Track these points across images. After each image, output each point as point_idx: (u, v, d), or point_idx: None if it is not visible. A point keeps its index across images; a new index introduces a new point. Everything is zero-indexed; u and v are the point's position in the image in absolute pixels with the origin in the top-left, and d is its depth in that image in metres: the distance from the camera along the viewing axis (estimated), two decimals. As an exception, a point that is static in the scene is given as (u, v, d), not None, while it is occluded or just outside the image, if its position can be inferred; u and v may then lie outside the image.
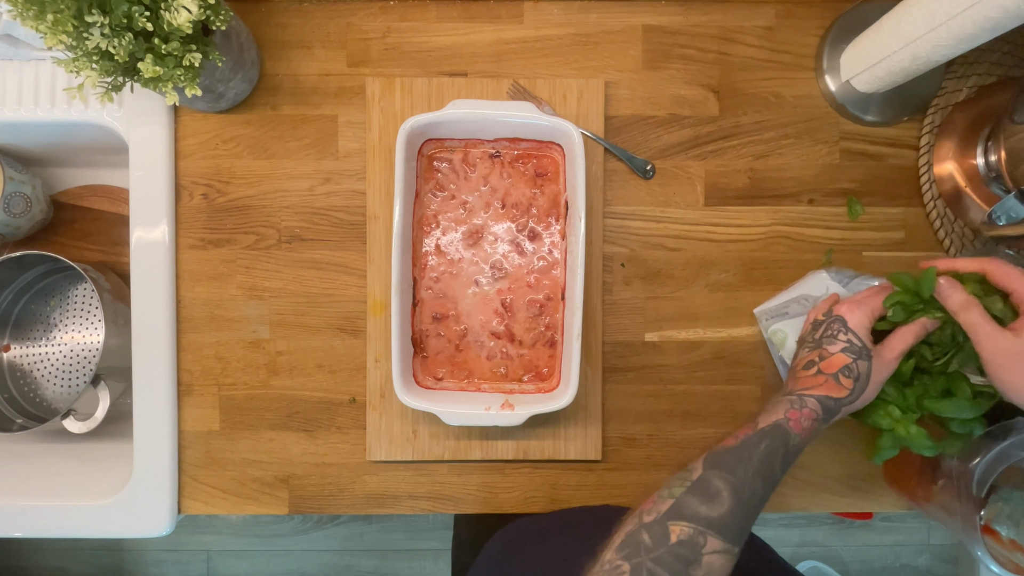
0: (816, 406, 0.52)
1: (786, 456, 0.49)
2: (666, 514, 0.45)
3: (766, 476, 0.48)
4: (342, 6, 0.71)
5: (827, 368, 0.54)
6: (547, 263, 0.70)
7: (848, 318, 0.55)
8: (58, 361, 0.87)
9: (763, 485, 0.47)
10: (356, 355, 0.72)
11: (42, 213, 0.83)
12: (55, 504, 0.72)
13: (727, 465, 0.48)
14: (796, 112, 0.72)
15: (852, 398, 0.53)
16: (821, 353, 0.55)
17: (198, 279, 0.72)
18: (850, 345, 0.54)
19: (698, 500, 0.45)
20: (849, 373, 0.53)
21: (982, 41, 0.54)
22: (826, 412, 0.52)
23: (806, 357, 0.56)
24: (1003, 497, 0.63)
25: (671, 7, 0.72)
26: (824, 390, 0.53)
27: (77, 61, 0.52)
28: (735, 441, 0.50)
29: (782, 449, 0.49)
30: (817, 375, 0.54)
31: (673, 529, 0.44)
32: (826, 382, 0.53)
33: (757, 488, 0.47)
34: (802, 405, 0.52)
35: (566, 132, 0.65)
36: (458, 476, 0.72)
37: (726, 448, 0.49)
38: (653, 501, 0.47)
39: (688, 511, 0.45)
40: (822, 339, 0.56)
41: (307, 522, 1.58)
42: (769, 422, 0.50)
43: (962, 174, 0.70)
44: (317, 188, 0.72)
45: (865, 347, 0.54)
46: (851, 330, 0.55)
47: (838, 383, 0.53)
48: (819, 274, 0.68)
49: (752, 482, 0.47)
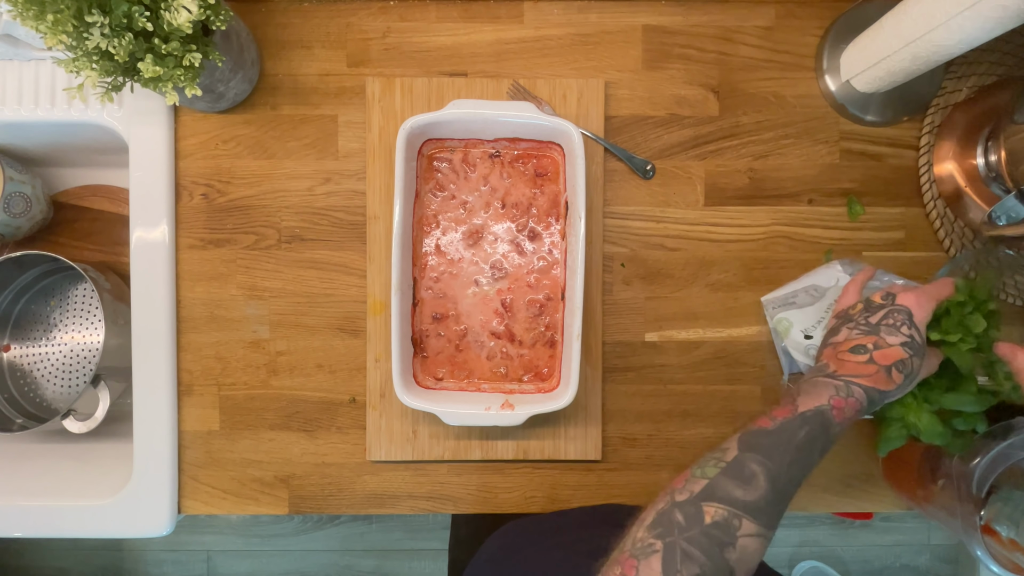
0: (863, 396, 0.49)
1: (825, 444, 0.47)
2: (700, 494, 0.43)
3: (803, 464, 0.46)
4: (342, 6, 0.71)
5: (881, 359, 0.50)
6: (547, 263, 0.70)
7: (916, 312, 0.52)
8: (58, 361, 0.87)
9: (800, 472, 0.46)
10: (356, 355, 0.72)
11: (42, 213, 0.83)
12: (55, 504, 0.72)
13: (764, 449, 0.45)
14: (796, 112, 0.72)
15: (898, 393, 0.51)
16: (877, 341, 0.51)
17: (198, 279, 0.72)
18: (911, 341, 0.51)
19: (733, 483, 0.44)
20: (903, 368, 0.50)
21: (982, 41, 0.54)
22: (870, 404, 0.50)
23: (855, 340, 0.52)
24: (1003, 497, 0.63)
25: (671, 7, 0.72)
26: (873, 381, 0.50)
27: (77, 61, 0.52)
28: (772, 423, 0.47)
29: (823, 437, 0.47)
30: (868, 364, 0.50)
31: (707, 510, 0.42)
32: (876, 373, 0.50)
33: (794, 475, 0.45)
34: (848, 394, 0.49)
35: (566, 132, 0.65)
36: (458, 476, 0.72)
37: (763, 430, 0.47)
38: (685, 480, 0.45)
39: (722, 493, 0.43)
40: (880, 326, 0.52)
41: (307, 522, 1.58)
42: (811, 407, 0.48)
43: (962, 174, 0.70)
44: (317, 188, 0.72)
45: (923, 346, 0.51)
46: (916, 326, 0.52)
47: (888, 377, 0.50)
48: (832, 265, 0.68)
49: (789, 469, 0.45)
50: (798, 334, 0.65)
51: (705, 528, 0.42)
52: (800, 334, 0.65)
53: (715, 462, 0.46)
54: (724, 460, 0.45)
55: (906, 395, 0.56)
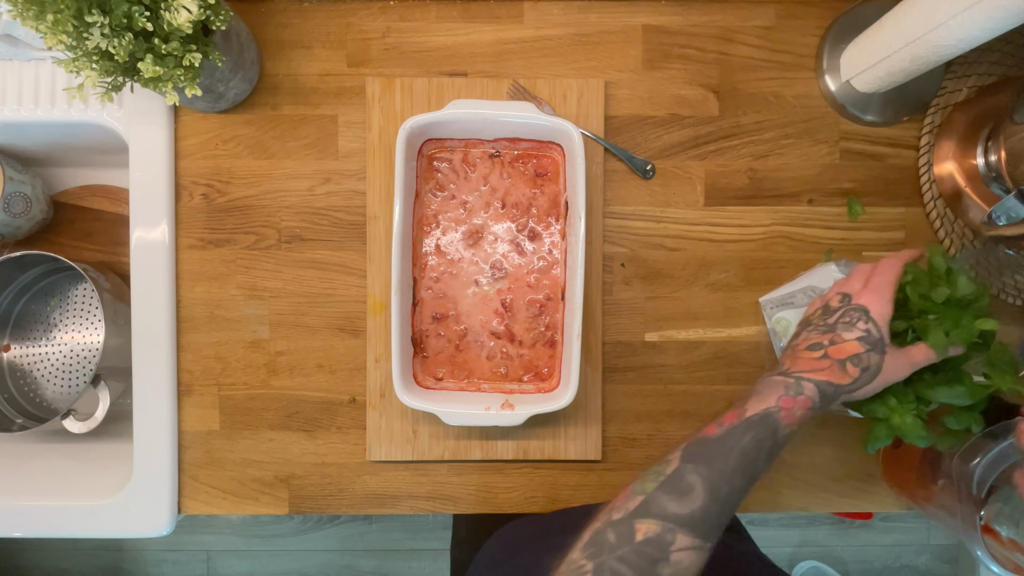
0: (814, 392, 0.48)
1: (772, 449, 0.46)
2: (634, 512, 0.43)
3: (747, 470, 0.45)
4: (342, 6, 0.71)
5: (835, 354, 0.50)
6: (547, 263, 0.70)
7: (872, 308, 0.52)
8: (58, 361, 0.87)
9: (743, 480, 0.45)
10: (356, 355, 0.72)
11: (42, 213, 0.83)
12: (55, 504, 0.72)
13: (705, 458, 0.45)
14: (796, 112, 0.72)
15: (854, 387, 0.50)
16: (833, 338, 0.51)
17: (198, 279, 0.72)
18: (867, 335, 0.50)
19: (668, 497, 0.43)
20: (858, 363, 0.50)
21: (982, 41, 0.54)
22: (823, 399, 0.49)
23: (813, 339, 0.52)
24: (1003, 497, 0.63)
25: (671, 7, 0.72)
26: (825, 375, 0.49)
27: (77, 61, 0.52)
28: (718, 430, 0.47)
29: (769, 441, 0.46)
30: (822, 359, 0.50)
31: (639, 527, 0.42)
32: (830, 367, 0.49)
33: (736, 483, 0.44)
34: (798, 391, 0.48)
35: (566, 132, 0.65)
36: (458, 476, 0.72)
37: (707, 438, 0.47)
38: (624, 497, 0.45)
39: (656, 508, 0.43)
40: (837, 324, 0.52)
41: (307, 522, 1.58)
42: (758, 410, 0.47)
43: (962, 174, 0.70)
44: (317, 188, 0.72)
45: (882, 340, 0.51)
46: (873, 320, 0.51)
47: (843, 370, 0.49)
48: (828, 266, 0.68)
49: (731, 478, 0.44)
50: None
51: (636, 545, 0.41)
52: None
53: (655, 476, 0.45)
54: (664, 473, 0.45)
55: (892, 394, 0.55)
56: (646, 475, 0.46)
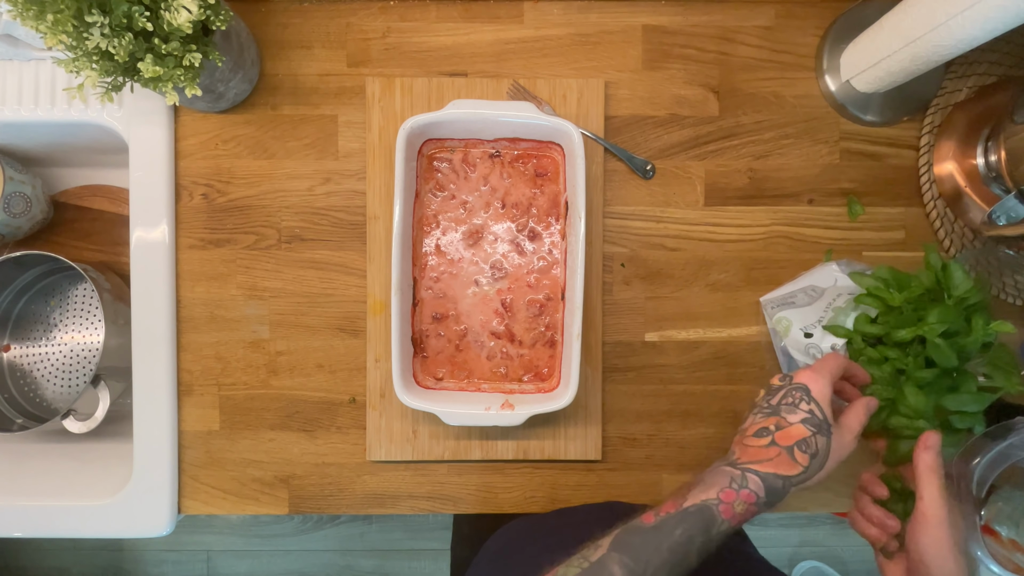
0: (759, 487, 0.46)
1: (705, 544, 0.44)
2: None
3: (676, 566, 0.43)
4: (342, 6, 0.71)
5: (782, 440, 0.48)
6: (547, 263, 0.70)
7: (812, 387, 0.50)
8: (58, 361, 0.87)
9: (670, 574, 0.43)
10: (356, 355, 0.72)
11: (42, 213, 0.83)
12: (55, 504, 0.72)
13: (633, 549, 0.43)
14: (796, 112, 0.72)
15: (804, 476, 0.47)
16: (778, 422, 0.49)
17: (198, 279, 0.72)
18: (811, 417, 0.49)
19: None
20: (806, 448, 0.48)
21: (982, 41, 0.54)
22: (770, 494, 0.46)
23: (760, 423, 0.50)
24: (1003, 497, 0.63)
25: (671, 7, 0.72)
26: (774, 466, 0.47)
27: (77, 61, 0.52)
28: (654, 519, 0.45)
29: (700, 537, 0.44)
30: (770, 447, 0.48)
31: None
32: (779, 455, 0.47)
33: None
34: (742, 485, 0.46)
35: (566, 132, 0.65)
36: (458, 476, 0.72)
37: (640, 527, 0.45)
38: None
39: None
40: (780, 406, 0.50)
41: (307, 522, 1.58)
42: (697, 500, 0.45)
43: (962, 174, 0.70)
44: (317, 188, 0.72)
45: (826, 421, 0.49)
46: (814, 400, 0.49)
47: (792, 459, 0.47)
48: (829, 265, 0.68)
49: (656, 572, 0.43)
50: (798, 332, 0.65)
51: None
52: (800, 332, 0.65)
53: (579, 562, 0.44)
54: (589, 560, 0.44)
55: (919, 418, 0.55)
56: (571, 560, 0.45)
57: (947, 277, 0.56)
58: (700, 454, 0.72)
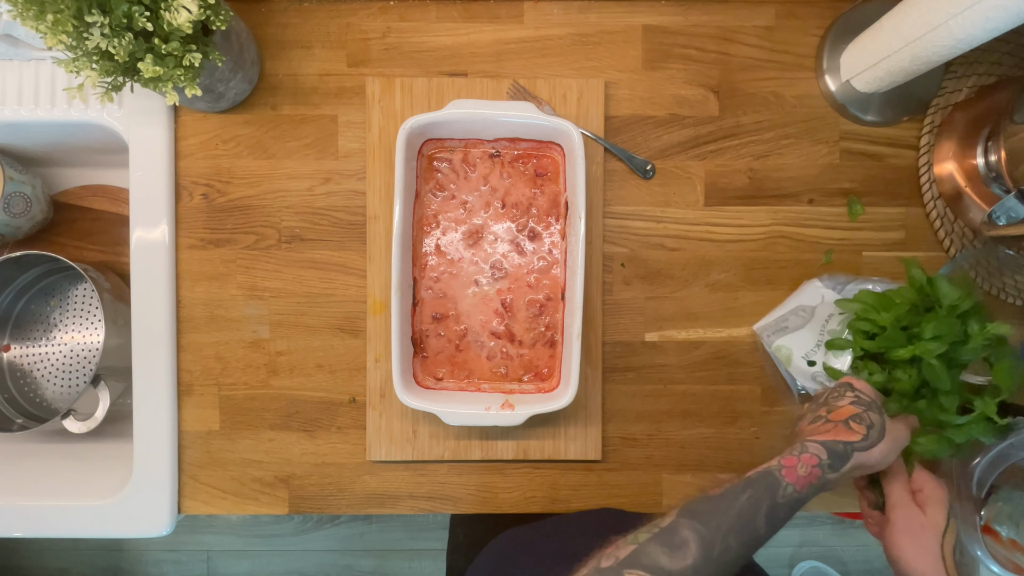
0: (819, 450, 0.47)
1: (773, 509, 0.45)
2: (624, 560, 0.41)
3: (743, 530, 0.43)
4: (342, 6, 0.71)
5: (835, 417, 0.50)
6: (547, 263, 0.70)
7: (853, 382, 0.54)
8: (58, 361, 0.87)
9: (739, 541, 0.43)
10: (356, 355, 0.72)
11: (42, 213, 0.83)
12: (55, 504, 0.72)
13: (701, 515, 0.44)
14: (796, 112, 0.72)
15: (867, 444, 0.48)
16: (828, 408, 0.52)
17: (198, 279, 0.72)
18: (858, 399, 0.52)
19: (660, 549, 0.42)
20: (860, 420, 0.50)
21: (982, 41, 0.54)
22: (832, 456, 0.47)
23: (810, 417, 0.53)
24: (1003, 497, 0.63)
25: (671, 7, 0.72)
26: (832, 435, 0.48)
27: (77, 61, 0.52)
28: (719, 490, 0.46)
29: (768, 500, 0.45)
30: (824, 424, 0.50)
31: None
32: (835, 427, 0.49)
33: (731, 543, 0.43)
34: (802, 450, 0.47)
35: (566, 132, 0.65)
36: (458, 476, 0.72)
37: (706, 496, 0.45)
38: (616, 546, 0.43)
39: (647, 560, 0.41)
40: (827, 399, 0.54)
41: (307, 522, 1.58)
42: (759, 470, 0.46)
43: (962, 174, 0.70)
44: (317, 188, 0.72)
45: (875, 401, 0.52)
46: (858, 390, 0.53)
47: (849, 428, 0.49)
48: (812, 283, 0.68)
49: (726, 537, 0.43)
50: (800, 361, 0.66)
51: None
52: (803, 361, 0.65)
53: (649, 528, 0.44)
54: (659, 525, 0.44)
55: None
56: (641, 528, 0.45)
57: (934, 290, 0.57)
58: (700, 454, 0.73)
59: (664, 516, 0.45)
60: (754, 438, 0.73)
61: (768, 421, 0.73)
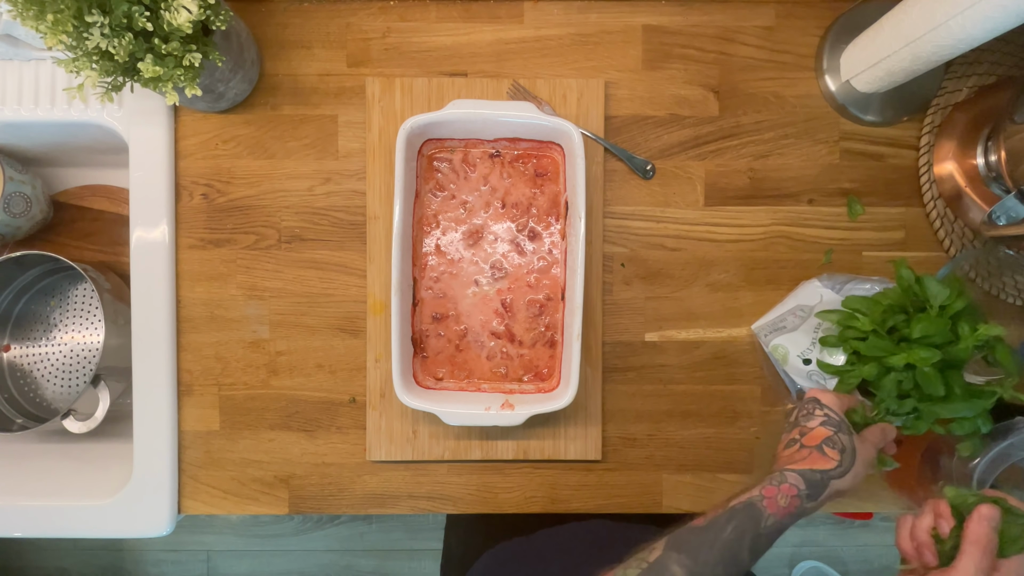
0: (797, 480, 0.49)
1: (756, 539, 0.46)
2: None
3: (729, 562, 0.45)
4: (342, 6, 0.71)
5: (809, 442, 0.52)
6: (547, 263, 0.70)
7: (820, 398, 0.55)
8: (58, 361, 0.87)
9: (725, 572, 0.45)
10: (356, 355, 0.72)
11: (42, 213, 0.83)
12: (55, 504, 0.72)
13: (688, 547, 0.45)
14: (796, 112, 0.72)
15: (841, 470, 0.50)
16: (801, 430, 0.53)
17: (198, 279, 0.72)
18: (828, 419, 0.53)
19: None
20: (833, 444, 0.51)
21: (982, 41, 0.54)
22: (810, 486, 0.49)
23: (787, 437, 0.54)
24: (1003, 497, 0.63)
25: (671, 7, 0.72)
26: (808, 463, 0.50)
27: (77, 61, 0.52)
28: (703, 521, 0.47)
29: (751, 531, 0.46)
30: (799, 450, 0.52)
31: None
32: (810, 455, 0.51)
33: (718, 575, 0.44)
34: (781, 481, 0.49)
35: (566, 132, 0.65)
36: (458, 476, 0.72)
37: (692, 528, 0.47)
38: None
39: None
40: (798, 419, 0.55)
41: (307, 522, 1.58)
42: (742, 500, 0.48)
43: (962, 174, 0.70)
44: (317, 188, 0.72)
45: (844, 421, 0.53)
46: (826, 406, 0.54)
47: (823, 454, 0.51)
48: (811, 283, 0.68)
49: (713, 569, 0.44)
50: (796, 360, 0.66)
51: None
52: (799, 360, 0.66)
53: (638, 563, 0.45)
54: (647, 560, 0.45)
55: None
56: (628, 562, 0.46)
57: (923, 290, 0.57)
58: (700, 454, 0.73)
59: (651, 549, 0.46)
60: (754, 438, 0.73)
61: (768, 421, 0.73)
